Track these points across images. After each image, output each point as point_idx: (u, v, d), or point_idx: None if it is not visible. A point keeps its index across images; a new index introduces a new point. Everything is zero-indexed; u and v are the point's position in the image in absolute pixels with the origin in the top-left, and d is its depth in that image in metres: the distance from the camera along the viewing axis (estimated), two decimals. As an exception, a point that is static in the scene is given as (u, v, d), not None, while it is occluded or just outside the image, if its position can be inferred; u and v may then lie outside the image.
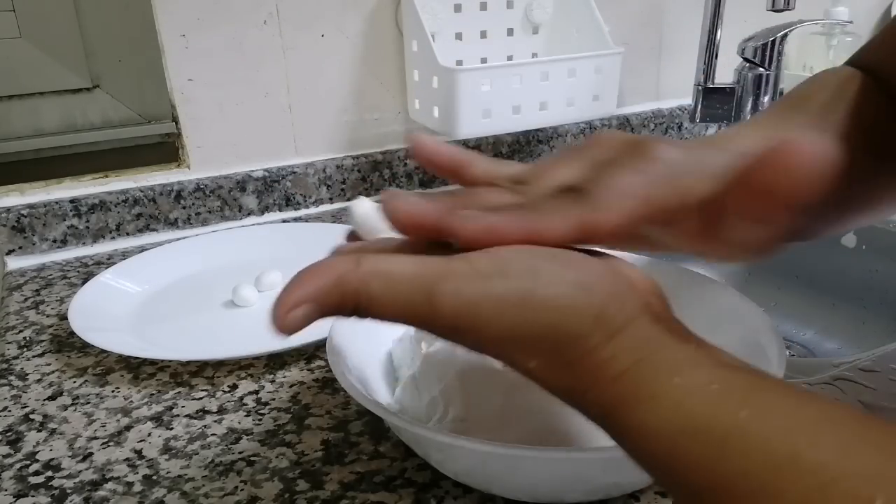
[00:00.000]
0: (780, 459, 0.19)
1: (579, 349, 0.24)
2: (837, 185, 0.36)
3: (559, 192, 0.28)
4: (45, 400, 0.50)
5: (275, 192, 0.84)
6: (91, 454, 0.44)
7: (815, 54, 1.05)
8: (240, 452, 0.44)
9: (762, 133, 0.35)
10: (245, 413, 0.48)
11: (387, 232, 0.28)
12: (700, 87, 0.85)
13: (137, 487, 0.41)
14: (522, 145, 0.96)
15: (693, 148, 0.30)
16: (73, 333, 0.55)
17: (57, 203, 0.75)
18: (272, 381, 0.51)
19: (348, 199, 0.89)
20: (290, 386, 0.50)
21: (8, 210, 0.73)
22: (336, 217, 0.85)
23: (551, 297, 0.24)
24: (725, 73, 0.85)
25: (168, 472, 0.42)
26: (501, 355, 0.25)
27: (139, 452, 0.44)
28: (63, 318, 0.62)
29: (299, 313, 0.24)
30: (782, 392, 0.22)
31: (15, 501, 0.40)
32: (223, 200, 0.82)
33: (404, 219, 0.26)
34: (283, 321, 0.24)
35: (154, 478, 0.42)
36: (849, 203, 0.39)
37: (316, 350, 0.54)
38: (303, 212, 0.86)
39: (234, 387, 0.51)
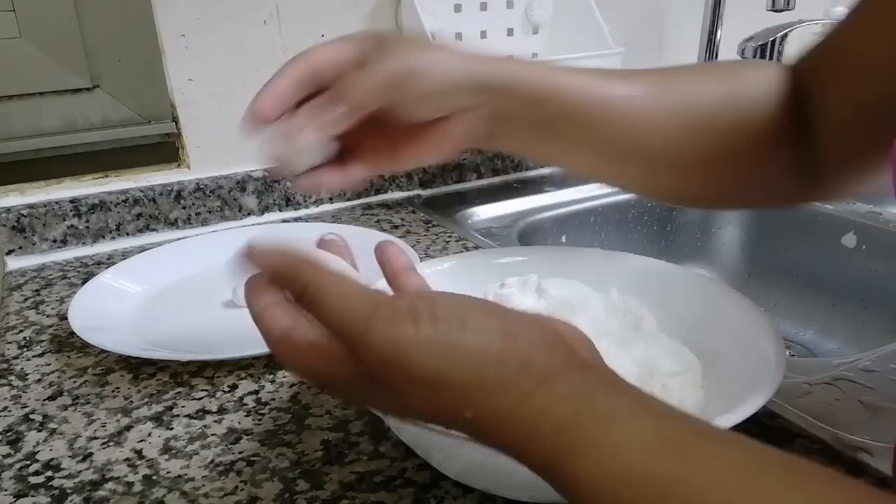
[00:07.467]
0: None
1: (510, 396, 0.24)
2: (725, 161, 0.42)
3: None
4: (45, 400, 0.50)
5: (275, 192, 0.84)
6: (91, 454, 0.44)
7: (814, 54, 1.05)
8: (240, 452, 0.44)
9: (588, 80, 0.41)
10: (245, 413, 0.48)
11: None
12: (700, 87, 0.85)
13: (137, 487, 0.41)
14: (522, 145, 0.96)
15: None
16: (73, 333, 0.55)
17: (57, 203, 0.75)
18: (272, 381, 0.51)
19: (348, 200, 0.89)
20: (290, 386, 0.50)
21: (8, 210, 0.74)
22: (336, 217, 0.85)
23: (476, 345, 0.25)
24: (725, 73, 0.85)
25: (168, 472, 0.42)
26: (436, 407, 0.25)
27: (139, 452, 0.44)
28: (63, 318, 0.62)
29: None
30: (714, 441, 0.23)
31: (15, 501, 0.40)
32: (223, 200, 0.82)
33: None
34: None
35: (154, 478, 0.42)
36: (743, 187, 0.44)
37: (316, 350, 0.54)
38: (303, 212, 0.86)
39: (234, 387, 0.51)
